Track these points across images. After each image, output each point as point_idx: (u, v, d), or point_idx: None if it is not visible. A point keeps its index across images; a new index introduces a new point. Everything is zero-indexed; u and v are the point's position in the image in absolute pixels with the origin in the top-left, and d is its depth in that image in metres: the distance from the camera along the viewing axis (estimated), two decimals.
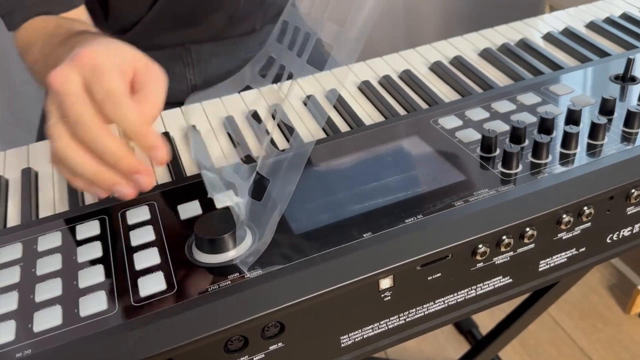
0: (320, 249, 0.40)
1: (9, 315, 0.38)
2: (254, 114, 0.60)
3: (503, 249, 0.42)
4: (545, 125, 0.48)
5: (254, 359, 0.38)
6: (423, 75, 0.65)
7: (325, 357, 0.41)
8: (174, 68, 0.83)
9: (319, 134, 0.57)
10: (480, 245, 0.41)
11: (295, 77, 0.45)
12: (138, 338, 0.36)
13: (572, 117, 0.49)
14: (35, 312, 0.38)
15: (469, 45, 0.70)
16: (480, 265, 0.43)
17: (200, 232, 0.40)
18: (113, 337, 0.36)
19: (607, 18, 0.73)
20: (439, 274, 0.42)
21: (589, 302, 1.29)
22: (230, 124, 0.59)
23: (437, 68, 0.66)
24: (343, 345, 0.41)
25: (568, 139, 0.47)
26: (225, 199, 0.45)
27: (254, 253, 0.39)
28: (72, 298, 0.39)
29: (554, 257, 0.46)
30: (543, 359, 1.19)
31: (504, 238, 0.42)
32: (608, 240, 0.48)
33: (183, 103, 0.66)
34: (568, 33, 0.70)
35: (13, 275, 0.41)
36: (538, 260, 0.46)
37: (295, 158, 0.43)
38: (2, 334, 0.36)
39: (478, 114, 0.53)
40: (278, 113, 0.49)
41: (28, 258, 0.42)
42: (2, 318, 0.38)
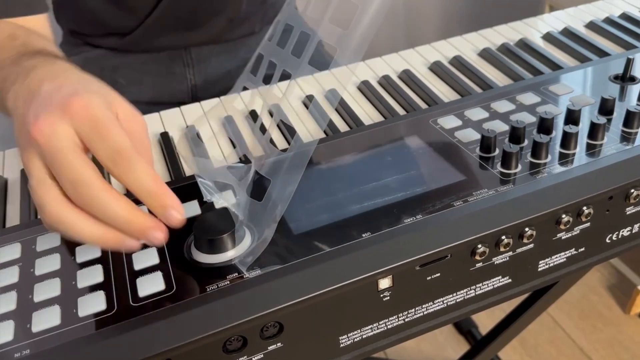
0: (319, 249, 0.40)
1: (8, 316, 0.38)
2: (252, 114, 0.60)
3: (502, 249, 0.42)
4: (545, 125, 0.48)
5: (253, 359, 0.38)
6: (422, 75, 0.65)
7: (324, 357, 0.41)
8: (174, 68, 0.83)
9: (319, 135, 0.57)
10: (480, 245, 0.41)
11: (294, 77, 0.44)
12: (137, 338, 0.36)
13: (571, 117, 0.49)
14: (34, 312, 0.38)
15: (469, 45, 0.70)
16: (480, 265, 0.43)
17: (199, 232, 0.40)
18: (112, 337, 0.36)
19: (606, 18, 0.73)
20: (438, 274, 0.42)
21: (589, 302, 1.29)
22: (230, 124, 0.59)
23: (436, 68, 0.66)
24: (342, 346, 0.41)
25: (567, 139, 0.47)
26: (224, 200, 0.45)
27: (253, 253, 0.39)
28: (70, 298, 0.39)
29: (553, 257, 0.46)
30: (543, 359, 1.19)
31: (503, 238, 0.42)
32: (607, 240, 0.48)
33: (182, 103, 0.66)
34: (567, 33, 0.70)
35: (12, 275, 0.41)
36: (537, 260, 0.46)
37: (297, 158, 0.43)
38: (0, 334, 0.36)
39: (477, 114, 0.53)
40: (276, 113, 0.49)
41: (27, 258, 0.42)
42: (0, 318, 0.38)
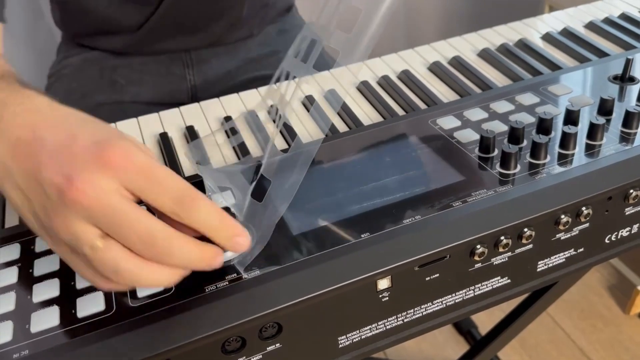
0: (318, 250, 0.40)
1: (7, 316, 0.38)
2: (253, 115, 0.60)
3: (501, 250, 0.42)
4: (544, 126, 0.48)
5: None
6: (422, 76, 0.65)
7: (323, 357, 0.41)
8: (174, 69, 0.83)
9: (319, 136, 0.57)
10: (479, 246, 0.41)
11: (299, 80, 0.44)
12: (136, 339, 0.36)
13: (570, 117, 0.49)
14: (33, 312, 0.38)
15: (468, 46, 0.70)
16: (479, 266, 0.43)
17: None
18: (111, 338, 0.36)
19: (606, 18, 0.73)
20: (437, 275, 0.42)
21: (589, 302, 1.29)
22: (229, 125, 0.59)
23: (435, 68, 0.66)
24: (341, 346, 0.41)
25: (566, 140, 0.47)
26: (223, 200, 0.45)
27: (252, 253, 0.39)
28: (69, 299, 0.39)
29: (553, 257, 0.46)
30: (542, 359, 1.19)
31: (502, 238, 0.42)
32: (606, 241, 0.48)
33: (182, 103, 0.66)
34: (567, 33, 0.70)
35: (11, 276, 0.41)
36: (536, 261, 0.46)
37: (299, 159, 0.43)
38: None
39: (476, 114, 0.53)
40: (281, 115, 0.48)
41: (26, 259, 0.42)
42: None
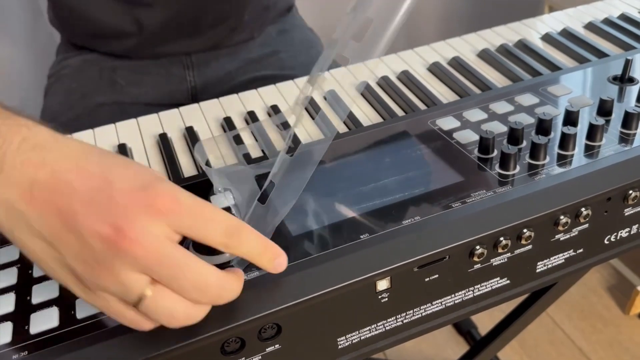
0: (317, 251, 0.40)
1: (6, 317, 0.38)
2: (251, 114, 0.60)
3: (500, 251, 0.42)
4: (543, 126, 0.48)
5: None
6: (421, 76, 0.65)
7: (323, 358, 0.41)
8: (174, 71, 0.83)
9: (318, 136, 0.57)
10: (478, 247, 0.41)
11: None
12: (135, 340, 0.36)
13: (569, 118, 0.49)
14: (32, 314, 0.38)
15: (467, 46, 0.70)
16: (478, 267, 0.43)
17: None
18: (110, 339, 0.36)
19: (605, 19, 0.73)
20: (437, 276, 0.42)
21: (589, 302, 1.29)
22: (228, 126, 0.59)
23: (435, 69, 0.66)
24: (340, 347, 0.41)
25: (566, 140, 0.47)
26: (223, 200, 0.45)
27: None
28: (69, 300, 0.39)
29: (552, 258, 0.46)
30: None
31: (502, 239, 0.42)
32: (606, 242, 0.48)
33: (182, 104, 0.66)
34: (566, 34, 0.70)
35: (10, 277, 0.41)
36: (536, 262, 0.46)
37: (304, 161, 0.43)
38: None
39: (476, 115, 0.53)
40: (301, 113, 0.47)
41: (25, 260, 0.42)
42: None
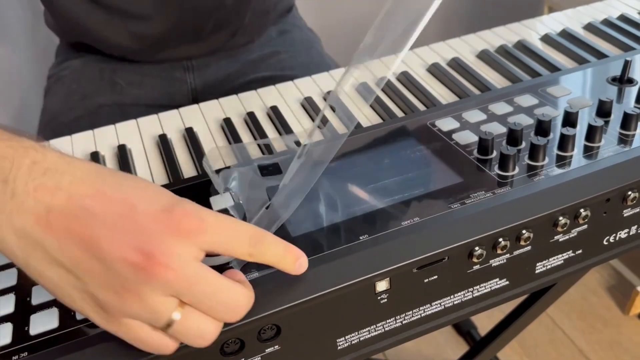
0: (317, 252, 0.40)
1: (6, 318, 0.38)
2: (250, 114, 0.60)
3: (499, 252, 0.43)
4: (542, 127, 0.48)
5: None
6: (420, 77, 0.65)
7: (322, 359, 0.41)
8: (174, 73, 0.83)
9: (317, 136, 0.57)
10: (477, 248, 0.41)
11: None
12: None
13: (569, 119, 0.49)
14: (32, 314, 0.38)
15: (467, 47, 0.70)
16: (477, 268, 0.43)
17: None
18: (110, 340, 0.36)
19: (604, 19, 0.73)
20: (436, 277, 0.42)
21: (588, 303, 1.29)
22: (228, 127, 0.59)
23: (434, 70, 0.66)
24: (340, 348, 0.41)
25: (565, 141, 0.47)
26: (224, 201, 0.45)
27: None
28: None
29: (551, 259, 0.46)
30: None
31: (500, 240, 0.42)
32: (605, 242, 0.48)
33: (182, 106, 0.66)
34: (566, 34, 0.70)
35: (10, 278, 0.41)
36: (535, 263, 0.46)
37: (312, 163, 0.42)
38: None
39: (475, 116, 0.53)
40: (336, 104, 0.47)
41: None
42: None
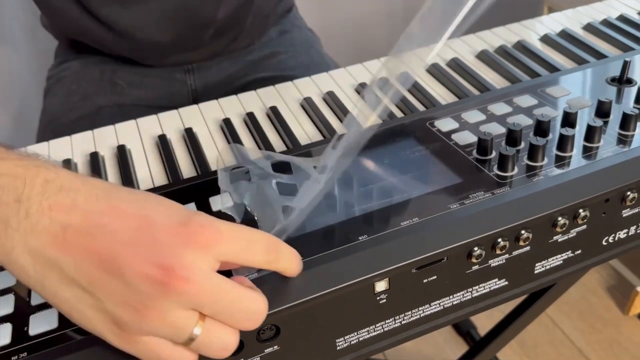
0: (316, 252, 0.40)
1: (6, 318, 0.38)
2: (247, 116, 0.60)
3: (498, 252, 0.43)
4: (541, 128, 0.48)
5: None
6: (419, 77, 0.65)
7: (321, 359, 0.42)
8: (175, 75, 0.83)
9: (317, 137, 0.57)
10: (476, 248, 0.42)
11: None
12: None
13: (568, 119, 0.49)
14: (32, 315, 0.38)
15: (466, 47, 0.70)
16: (476, 268, 0.43)
17: None
18: None
19: (604, 20, 0.73)
20: (435, 277, 0.42)
21: (588, 303, 1.29)
22: (227, 127, 0.59)
23: (433, 70, 0.66)
24: (339, 348, 0.41)
25: (564, 142, 0.47)
26: (222, 201, 0.45)
27: None
28: None
29: (550, 259, 0.46)
30: None
31: (500, 241, 0.42)
32: (604, 243, 0.48)
33: (182, 107, 0.66)
34: (565, 35, 0.70)
35: (10, 278, 0.41)
36: (534, 263, 0.46)
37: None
38: None
39: (474, 117, 0.53)
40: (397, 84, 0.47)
41: None
42: None
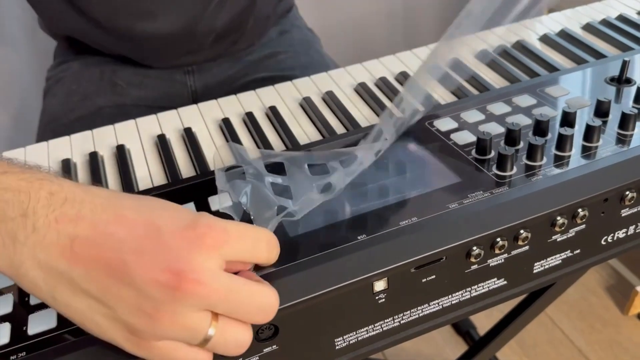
0: (315, 252, 0.40)
1: (4, 318, 0.38)
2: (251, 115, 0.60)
3: (497, 251, 0.43)
4: (540, 127, 0.48)
5: None
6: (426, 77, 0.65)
7: (320, 359, 0.42)
8: (175, 76, 0.83)
9: (316, 137, 0.57)
10: (475, 248, 0.42)
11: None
12: None
13: (567, 119, 0.49)
14: (30, 314, 0.38)
15: (466, 47, 0.70)
16: (475, 268, 0.43)
17: None
18: None
19: (603, 20, 0.73)
20: (434, 276, 0.42)
21: (588, 303, 1.29)
22: (227, 127, 0.59)
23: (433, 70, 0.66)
24: (337, 348, 0.42)
25: (563, 141, 0.47)
26: (221, 201, 0.45)
27: None
28: None
29: (549, 259, 0.46)
30: None
31: (498, 240, 0.42)
32: (603, 242, 0.48)
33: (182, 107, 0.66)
34: (564, 35, 0.70)
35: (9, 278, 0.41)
36: (532, 262, 0.46)
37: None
38: None
39: (473, 116, 0.53)
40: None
41: None
42: None
